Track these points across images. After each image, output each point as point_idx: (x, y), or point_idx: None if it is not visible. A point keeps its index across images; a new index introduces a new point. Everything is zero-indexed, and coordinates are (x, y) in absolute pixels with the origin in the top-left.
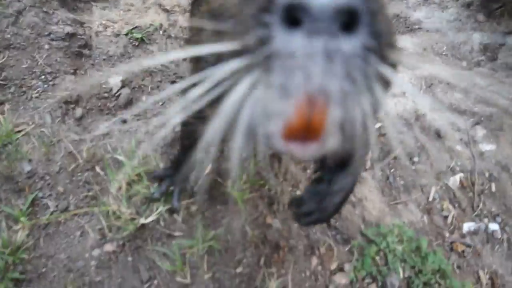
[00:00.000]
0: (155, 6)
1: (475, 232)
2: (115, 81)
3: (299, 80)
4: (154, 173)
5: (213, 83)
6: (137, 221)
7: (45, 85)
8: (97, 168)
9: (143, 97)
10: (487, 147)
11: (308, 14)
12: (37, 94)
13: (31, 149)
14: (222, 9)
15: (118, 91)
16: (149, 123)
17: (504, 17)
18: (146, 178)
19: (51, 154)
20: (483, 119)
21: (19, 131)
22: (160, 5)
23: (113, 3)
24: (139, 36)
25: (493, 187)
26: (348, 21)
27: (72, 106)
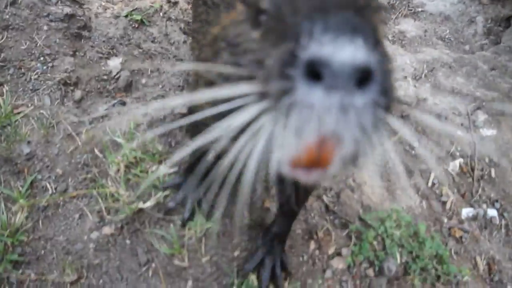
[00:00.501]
0: None
1: (474, 218)
2: (114, 63)
3: (314, 126)
4: (170, 181)
5: (236, 128)
6: (135, 205)
7: (44, 67)
8: (96, 150)
9: (143, 80)
10: (488, 132)
11: (329, 70)
12: (36, 76)
13: (30, 131)
14: (240, 41)
15: (117, 73)
16: (148, 105)
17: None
18: (162, 188)
19: (50, 136)
20: (484, 103)
21: (18, 113)
22: None
23: None
24: (139, 18)
25: (493, 173)
26: (362, 78)
27: (71, 88)
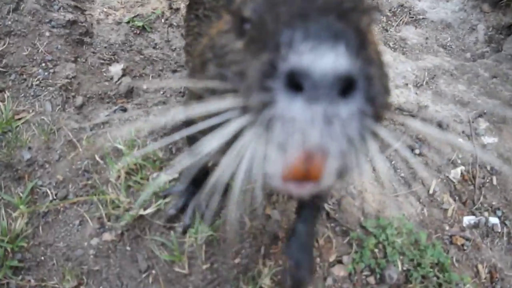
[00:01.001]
0: None
1: (475, 226)
2: (116, 69)
3: (297, 140)
4: (171, 188)
5: (219, 139)
6: (136, 211)
7: (46, 73)
8: (96, 157)
9: (144, 86)
10: (489, 140)
11: (309, 81)
12: (38, 82)
13: (31, 137)
14: (225, 52)
15: (119, 79)
16: (149, 112)
17: (510, 7)
18: (162, 195)
19: (51, 142)
20: (486, 111)
21: (19, 119)
22: None
23: None
24: (140, 24)
25: (495, 181)
26: (346, 87)
27: (73, 94)
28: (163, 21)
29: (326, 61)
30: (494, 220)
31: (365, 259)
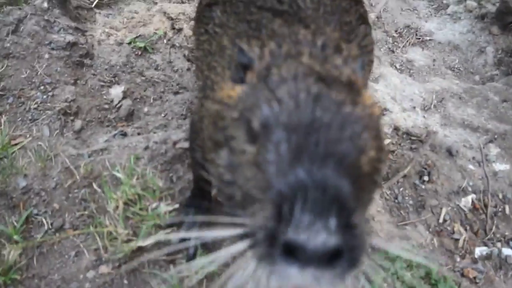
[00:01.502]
0: (159, 14)
1: (488, 257)
2: (116, 92)
3: (291, 285)
4: (172, 219)
5: (222, 259)
6: (134, 243)
7: (44, 96)
8: (94, 185)
9: (145, 108)
10: (501, 166)
11: (303, 254)
12: (36, 105)
13: (27, 164)
14: (237, 149)
15: (119, 102)
16: (149, 138)
17: None
18: (164, 226)
19: (48, 169)
20: (496, 137)
21: (15, 144)
22: (165, 13)
23: (117, 10)
24: (142, 45)
25: (507, 209)
26: (333, 255)
27: (71, 118)
28: (165, 42)
29: (318, 239)
30: (507, 251)
31: None
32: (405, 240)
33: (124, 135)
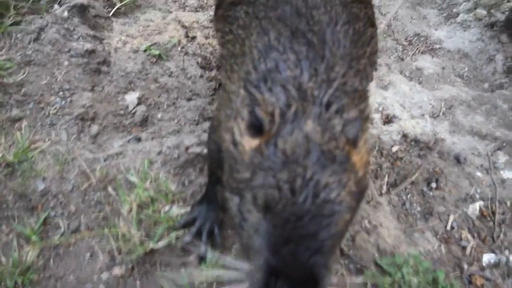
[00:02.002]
0: (174, 22)
1: (496, 265)
2: (131, 98)
3: None
4: (184, 219)
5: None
6: (147, 245)
7: (63, 102)
8: (109, 188)
9: (159, 114)
10: (509, 174)
11: None
12: (55, 111)
13: (45, 167)
14: (246, 217)
15: (134, 108)
16: (162, 143)
17: None
18: (178, 227)
19: (65, 172)
20: (505, 144)
21: (35, 148)
22: (179, 21)
23: (133, 18)
24: (157, 52)
25: None
26: None
27: (88, 123)
28: (179, 49)
29: None
30: None
31: None
32: (412, 246)
33: (139, 140)
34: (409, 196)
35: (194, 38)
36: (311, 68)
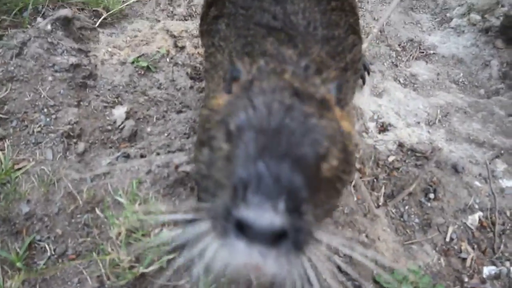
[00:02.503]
0: (162, 32)
1: (497, 277)
2: (119, 112)
3: (240, 261)
4: (175, 242)
5: (188, 235)
6: (137, 270)
7: (48, 119)
8: (97, 210)
9: (148, 128)
10: (508, 183)
11: (251, 231)
12: (39, 128)
13: (30, 189)
14: (215, 147)
15: (122, 123)
16: (151, 162)
17: None
18: (169, 250)
19: (51, 194)
20: (503, 152)
21: (18, 169)
22: (168, 30)
23: (120, 29)
24: (145, 64)
25: None
26: (278, 235)
27: (75, 140)
28: (168, 60)
29: (265, 220)
30: None
31: None
32: (411, 260)
33: (127, 156)
34: (406, 207)
35: (183, 48)
36: (289, 55)
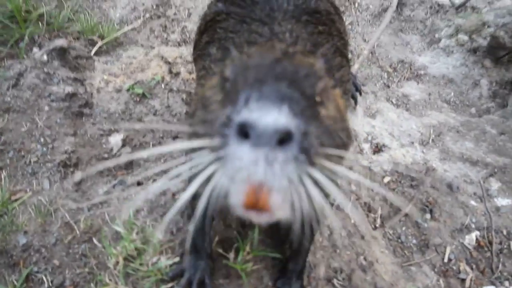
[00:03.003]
0: (157, 58)
1: None
2: (115, 140)
3: (245, 176)
4: (174, 271)
5: (189, 167)
6: None
7: (44, 149)
8: (94, 240)
9: (145, 155)
10: (503, 201)
11: (255, 131)
12: (36, 158)
13: (27, 220)
14: (209, 102)
15: (118, 150)
16: (148, 190)
17: None
18: (168, 278)
19: (48, 225)
20: (496, 170)
21: (15, 200)
22: (162, 57)
23: (116, 56)
24: (140, 91)
25: None
26: (284, 138)
27: (71, 169)
28: (163, 87)
29: (269, 118)
30: None
31: None
32: (410, 281)
33: (124, 184)
34: (404, 228)
35: (177, 74)
36: None
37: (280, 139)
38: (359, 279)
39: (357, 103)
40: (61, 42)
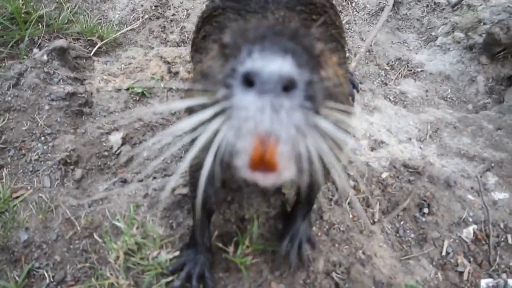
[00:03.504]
0: (156, 58)
1: None
2: (115, 138)
3: (252, 126)
4: (174, 264)
5: (194, 124)
6: None
7: (45, 147)
8: (95, 235)
9: (144, 153)
10: (500, 195)
11: (259, 78)
12: (37, 156)
13: (28, 216)
14: (209, 71)
15: (118, 148)
16: (148, 185)
17: (508, 59)
18: (168, 272)
19: (49, 221)
20: (493, 165)
21: (17, 197)
22: (161, 57)
23: (115, 56)
24: (139, 90)
25: (510, 239)
26: (288, 85)
27: (72, 167)
28: (162, 86)
29: (273, 65)
30: None
31: None
32: (409, 275)
33: (124, 181)
34: (402, 223)
35: (176, 73)
36: None
37: (285, 86)
38: (357, 272)
39: (354, 100)
40: (61, 42)
